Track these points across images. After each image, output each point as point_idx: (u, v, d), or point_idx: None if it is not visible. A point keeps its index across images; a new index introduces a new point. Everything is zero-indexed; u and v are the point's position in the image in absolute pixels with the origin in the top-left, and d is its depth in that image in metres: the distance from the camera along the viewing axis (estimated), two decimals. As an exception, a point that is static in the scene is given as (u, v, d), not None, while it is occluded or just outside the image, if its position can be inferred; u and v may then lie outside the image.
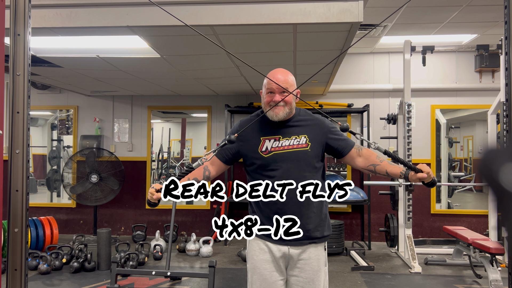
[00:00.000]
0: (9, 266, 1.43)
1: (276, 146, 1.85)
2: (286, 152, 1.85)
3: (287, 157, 1.84)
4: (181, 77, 4.95)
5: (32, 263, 4.49)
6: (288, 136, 1.86)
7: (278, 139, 1.86)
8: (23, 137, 1.45)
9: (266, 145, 1.87)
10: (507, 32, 1.52)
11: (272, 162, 1.85)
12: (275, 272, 1.92)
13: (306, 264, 1.91)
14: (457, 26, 4.93)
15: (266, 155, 1.85)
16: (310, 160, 1.87)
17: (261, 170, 1.88)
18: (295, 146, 1.85)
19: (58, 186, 7.11)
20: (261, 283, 1.92)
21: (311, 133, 1.88)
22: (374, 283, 4.23)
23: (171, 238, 4.09)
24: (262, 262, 1.92)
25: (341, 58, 4.20)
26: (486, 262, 4.03)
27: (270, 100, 1.85)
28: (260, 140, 1.88)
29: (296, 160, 1.84)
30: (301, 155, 1.84)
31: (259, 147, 1.87)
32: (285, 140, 1.86)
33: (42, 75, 4.96)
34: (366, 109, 5.96)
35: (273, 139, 1.87)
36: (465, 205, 7.36)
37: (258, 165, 1.88)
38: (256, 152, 1.87)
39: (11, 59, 1.45)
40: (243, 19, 2.92)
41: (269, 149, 1.86)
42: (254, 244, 1.96)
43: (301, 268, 1.91)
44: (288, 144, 1.85)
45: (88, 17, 3.02)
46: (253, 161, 1.89)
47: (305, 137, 1.87)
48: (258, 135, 1.89)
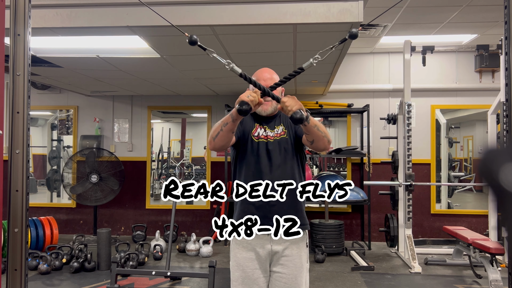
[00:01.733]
0: (9, 266, 1.43)
1: (264, 135, 2.01)
2: (271, 141, 2.00)
3: (271, 145, 1.99)
4: (181, 77, 4.95)
5: (32, 263, 4.49)
6: (271, 128, 2.03)
7: (265, 129, 2.03)
8: (23, 137, 1.45)
9: (258, 131, 2.02)
10: (507, 32, 1.52)
11: (260, 148, 1.99)
12: (258, 269, 1.95)
13: (288, 260, 1.94)
14: (457, 26, 4.93)
15: (257, 140, 2.00)
16: (289, 146, 2.00)
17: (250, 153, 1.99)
18: (277, 135, 2.01)
19: (58, 186, 7.11)
20: (244, 279, 1.96)
21: (285, 122, 2.04)
22: (374, 283, 4.23)
23: (171, 238, 4.10)
24: (245, 260, 1.96)
25: (341, 58, 4.20)
26: (486, 262, 4.03)
27: None
28: (254, 125, 2.04)
29: (278, 148, 1.99)
30: (282, 143, 2.00)
31: (252, 131, 2.02)
32: (270, 131, 2.02)
33: (42, 75, 4.96)
34: (366, 109, 5.96)
35: (263, 128, 2.03)
36: (465, 205, 7.36)
37: (247, 147, 2.00)
38: (250, 134, 2.01)
39: (11, 59, 1.45)
40: (243, 19, 2.92)
41: (260, 135, 2.01)
42: (237, 242, 2.00)
43: (284, 265, 1.94)
44: (272, 134, 2.02)
45: (88, 17, 3.02)
46: (244, 142, 2.01)
47: (281, 125, 2.04)
48: (253, 120, 2.05)
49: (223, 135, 1.82)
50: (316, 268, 4.69)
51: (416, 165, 5.78)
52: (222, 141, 1.85)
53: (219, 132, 1.82)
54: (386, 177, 5.94)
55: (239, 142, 2.01)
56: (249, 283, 1.95)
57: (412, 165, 4.99)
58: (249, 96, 1.68)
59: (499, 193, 0.68)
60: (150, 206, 6.53)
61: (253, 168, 1.96)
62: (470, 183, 7.29)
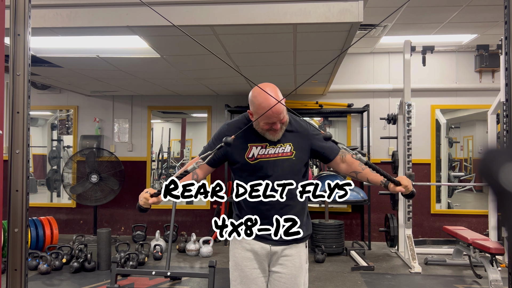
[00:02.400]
0: (9, 266, 1.43)
1: (263, 154, 1.87)
2: (272, 160, 1.87)
3: (273, 165, 1.87)
4: (181, 77, 4.95)
5: (32, 263, 4.49)
6: (274, 144, 1.89)
7: (265, 147, 1.88)
8: (23, 137, 1.45)
9: (253, 151, 1.88)
10: (507, 32, 1.52)
11: (258, 169, 1.87)
12: (257, 269, 1.95)
13: (288, 260, 1.94)
14: (457, 26, 4.93)
15: (252, 161, 1.88)
16: (294, 167, 1.90)
17: (246, 175, 1.90)
18: (280, 154, 1.88)
19: (58, 186, 7.11)
20: (242, 279, 1.96)
21: (295, 141, 1.91)
22: (374, 283, 4.23)
23: (171, 238, 4.10)
24: (243, 260, 1.96)
25: (341, 58, 4.20)
26: (486, 262, 4.03)
27: (269, 128, 1.84)
28: (248, 146, 1.89)
29: (281, 168, 1.87)
30: (285, 163, 1.88)
31: (245, 154, 1.89)
32: (271, 148, 1.88)
33: (42, 75, 4.96)
34: (366, 109, 5.96)
35: (260, 146, 1.88)
36: (465, 205, 7.36)
37: (243, 170, 1.91)
38: (243, 158, 1.89)
39: (11, 59, 1.45)
40: (243, 19, 2.92)
41: (256, 156, 1.88)
42: (236, 242, 2.00)
43: (284, 265, 1.94)
44: (274, 152, 1.88)
45: (88, 17, 3.02)
46: (238, 166, 1.92)
47: (290, 145, 1.90)
48: (245, 141, 1.90)
49: None
50: (316, 268, 4.69)
51: (416, 165, 5.78)
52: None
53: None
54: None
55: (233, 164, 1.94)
56: (248, 282, 1.95)
57: (412, 165, 4.99)
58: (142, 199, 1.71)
59: (499, 193, 0.68)
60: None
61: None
62: (470, 183, 7.29)
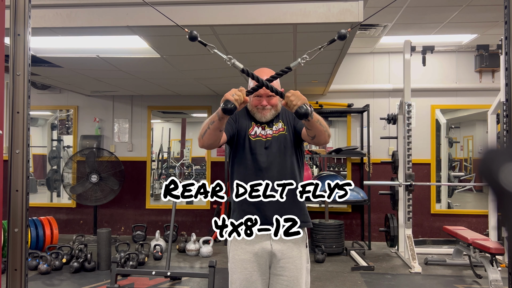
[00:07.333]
0: (9, 266, 1.43)
1: (262, 134, 2.01)
2: (269, 139, 2.00)
3: (270, 142, 1.99)
4: (181, 77, 4.95)
5: (32, 263, 4.49)
6: (270, 126, 2.03)
7: (264, 128, 2.02)
8: (23, 137, 1.45)
9: (255, 129, 2.01)
10: (507, 32, 1.52)
11: (258, 146, 1.98)
12: (256, 272, 1.92)
13: (289, 262, 1.92)
14: (457, 26, 4.93)
15: (254, 138, 1.99)
16: (288, 142, 2.00)
17: (247, 151, 1.98)
18: (275, 132, 2.01)
19: (58, 186, 7.11)
20: (242, 282, 1.93)
21: (284, 118, 2.05)
22: (374, 283, 4.23)
23: (171, 238, 4.10)
24: (243, 262, 1.93)
25: (341, 58, 4.20)
26: (486, 262, 4.03)
27: (258, 103, 1.99)
28: (251, 124, 2.03)
29: (277, 144, 1.98)
30: (281, 139, 2.00)
31: (249, 130, 2.01)
32: (269, 129, 2.02)
33: (42, 75, 4.96)
34: (366, 109, 5.96)
35: (261, 127, 2.02)
36: (465, 205, 7.36)
37: (244, 146, 1.99)
38: (246, 133, 2.01)
39: (11, 59, 1.45)
40: (243, 19, 2.92)
41: (257, 134, 2.00)
42: (235, 244, 1.96)
43: (284, 267, 1.92)
44: (271, 132, 2.02)
45: (88, 17, 3.02)
46: (241, 140, 2.00)
47: (281, 122, 2.04)
48: (249, 119, 2.04)
49: (210, 133, 1.80)
50: (316, 268, 4.69)
51: (416, 165, 5.78)
52: (210, 139, 1.82)
53: (207, 130, 1.80)
54: (386, 177, 5.94)
55: (235, 140, 2.00)
56: (248, 285, 1.92)
57: (412, 165, 4.99)
58: (233, 94, 1.65)
59: (499, 193, 0.68)
60: (150, 206, 6.53)
61: (251, 167, 1.94)
62: (470, 183, 7.30)
